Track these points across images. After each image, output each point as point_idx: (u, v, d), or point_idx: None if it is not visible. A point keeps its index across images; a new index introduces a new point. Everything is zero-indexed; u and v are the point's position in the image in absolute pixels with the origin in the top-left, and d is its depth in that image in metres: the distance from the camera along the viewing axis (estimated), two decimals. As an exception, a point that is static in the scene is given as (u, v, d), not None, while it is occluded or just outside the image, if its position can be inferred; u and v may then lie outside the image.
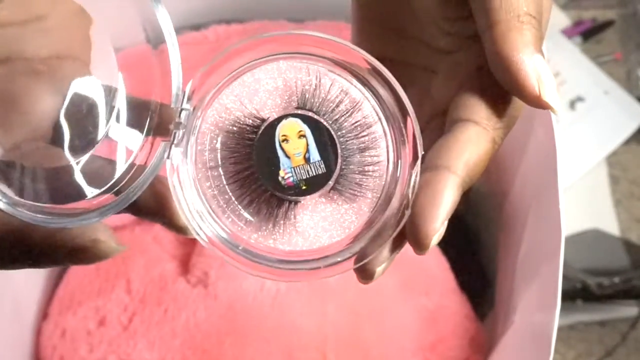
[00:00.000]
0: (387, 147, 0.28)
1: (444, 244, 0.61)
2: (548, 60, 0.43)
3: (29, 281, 0.59)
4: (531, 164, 0.50)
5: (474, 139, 0.26)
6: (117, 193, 0.27)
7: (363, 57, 0.27)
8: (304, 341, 0.54)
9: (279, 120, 0.27)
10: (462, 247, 0.65)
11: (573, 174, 0.79)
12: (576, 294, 0.70)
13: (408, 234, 0.25)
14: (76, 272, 0.59)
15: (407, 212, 0.26)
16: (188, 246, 0.58)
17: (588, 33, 0.88)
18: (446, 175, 0.25)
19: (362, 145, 0.28)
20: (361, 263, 0.27)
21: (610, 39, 0.90)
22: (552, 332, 0.40)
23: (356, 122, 0.27)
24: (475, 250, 0.67)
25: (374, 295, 0.57)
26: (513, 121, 0.28)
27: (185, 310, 0.54)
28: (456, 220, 0.28)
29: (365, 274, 0.27)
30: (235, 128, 0.27)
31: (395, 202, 0.27)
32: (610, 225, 0.79)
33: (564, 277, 0.41)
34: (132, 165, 0.27)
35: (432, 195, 0.25)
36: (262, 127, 0.27)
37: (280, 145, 0.27)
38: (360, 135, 0.28)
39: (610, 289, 0.70)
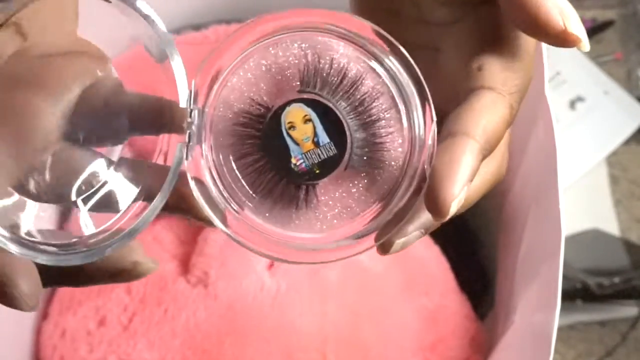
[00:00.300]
0: (399, 115, 0.27)
1: (444, 244, 0.62)
2: (547, 57, 0.43)
3: (29, 281, 0.59)
4: (531, 164, 0.50)
5: (490, 105, 0.26)
6: (147, 199, 0.27)
7: (363, 25, 0.26)
8: (303, 341, 0.54)
9: (282, 108, 0.27)
10: (462, 247, 0.65)
11: (573, 174, 0.79)
12: (576, 294, 0.70)
13: (426, 201, 0.25)
14: (76, 272, 0.59)
15: (426, 183, 0.25)
16: (188, 246, 0.58)
17: (588, 33, 0.87)
18: (465, 141, 0.25)
19: (373, 117, 0.27)
20: (383, 240, 0.27)
21: (611, 39, 0.90)
22: (552, 332, 0.40)
23: (363, 94, 0.27)
24: (475, 250, 0.67)
25: (374, 295, 0.57)
26: (527, 84, 0.27)
27: (185, 310, 0.54)
28: (456, 220, 0.28)
29: (383, 247, 0.27)
30: (242, 120, 0.27)
31: (414, 172, 0.27)
32: (610, 225, 0.79)
33: (564, 277, 0.41)
34: (155, 168, 0.27)
35: (450, 160, 0.24)
36: (267, 117, 0.27)
37: (288, 133, 0.27)
38: (369, 108, 0.27)
39: (610, 289, 0.70)
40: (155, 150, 0.28)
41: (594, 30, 0.88)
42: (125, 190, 0.28)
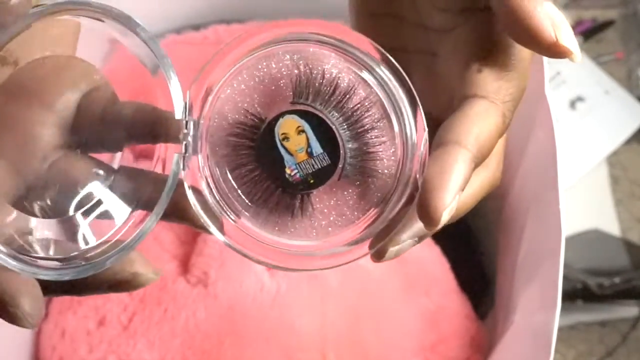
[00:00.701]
0: (391, 125, 0.27)
1: (444, 244, 0.62)
2: (548, 61, 0.43)
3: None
4: (531, 164, 0.50)
5: (483, 114, 0.26)
6: (146, 208, 0.27)
7: (354, 35, 0.27)
8: (303, 341, 0.54)
9: (275, 119, 0.27)
10: (462, 247, 0.65)
11: (573, 174, 0.79)
12: (576, 294, 0.70)
13: (418, 210, 0.25)
14: (76, 272, 0.59)
15: (418, 191, 0.26)
16: (188, 246, 0.58)
17: (588, 33, 0.88)
18: (456, 150, 0.25)
19: (365, 127, 0.27)
20: (376, 248, 0.27)
21: (611, 39, 0.90)
22: (552, 332, 0.40)
23: (355, 105, 0.27)
24: (475, 250, 0.67)
25: (374, 295, 0.57)
26: (521, 93, 0.27)
27: (185, 310, 0.54)
28: (456, 222, 0.28)
29: (377, 254, 0.28)
30: (237, 131, 0.27)
31: (407, 181, 0.27)
32: (611, 225, 0.79)
33: (564, 277, 0.41)
34: (153, 177, 0.28)
35: (442, 170, 0.24)
36: (261, 128, 0.27)
37: (282, 144, 0.27)
38: (361, 118, 0.27)
39: (611, 289, 0.70)
40: (154, 154, 0.28)
41: (594, 30, 0.88)
42: (124, 200, 0.28)
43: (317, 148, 0.27)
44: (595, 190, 0.81)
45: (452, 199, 0.24)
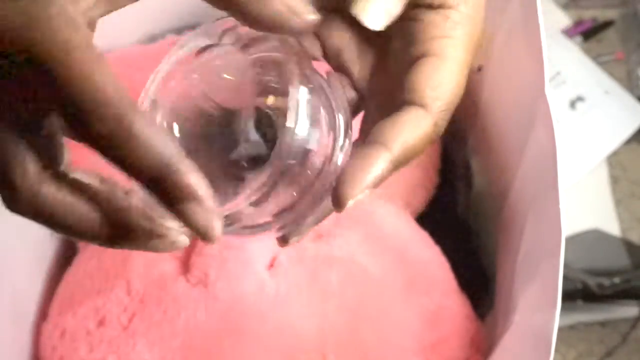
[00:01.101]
0: (325, 135, 0.30)
1: (444, 244, 0.61)
2: (547, 57, 0.43)
3: (28, 281, 0.59)
4: (531, 164, 0.50)
5: (415, 121, 0.27)
6: None
7: (332, 73, 0.31)
8: (304, 342, 0.54)
9: (247, 108, 0.31)
10: (462, 247, 0.65)
11: (573, 174, 0.79)
12: (576, 294, 0.70)
13: (332, 191, 0.27)
14: (76, 272, 0.59)
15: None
16: (188, 246, 0.58)
17: (589, 33, 0.88)
18: (379, 151, 0.27)
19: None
20: (282, 234, 0.31)
21: (611, 39, 0.89)
22: (552, 332, 0.40)
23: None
24: (475, 250, 0.67)
25: (375, 295, 0.57)
26: (456, 102, 0.28)
27: (185, 310, 0.54)
28: (456, 221, 0.28)
29: (281, 240, 0.31)
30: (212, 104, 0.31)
31: (325, 182, 0.30)
32: (611, 225, 0.79)
33: (564, 277, 0.41)
34: None
35: (362, 164, 0.27)
36: (233, 111, 0.31)
37: (241, 127, 0.30)
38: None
39: (611, 289, 0.70)
40: None
41: (594, 30, 0.88)
42: None
43: (257, 138, 0.30)
44: (595, 190, 0.81)
45: (361, 192, 0.27)
